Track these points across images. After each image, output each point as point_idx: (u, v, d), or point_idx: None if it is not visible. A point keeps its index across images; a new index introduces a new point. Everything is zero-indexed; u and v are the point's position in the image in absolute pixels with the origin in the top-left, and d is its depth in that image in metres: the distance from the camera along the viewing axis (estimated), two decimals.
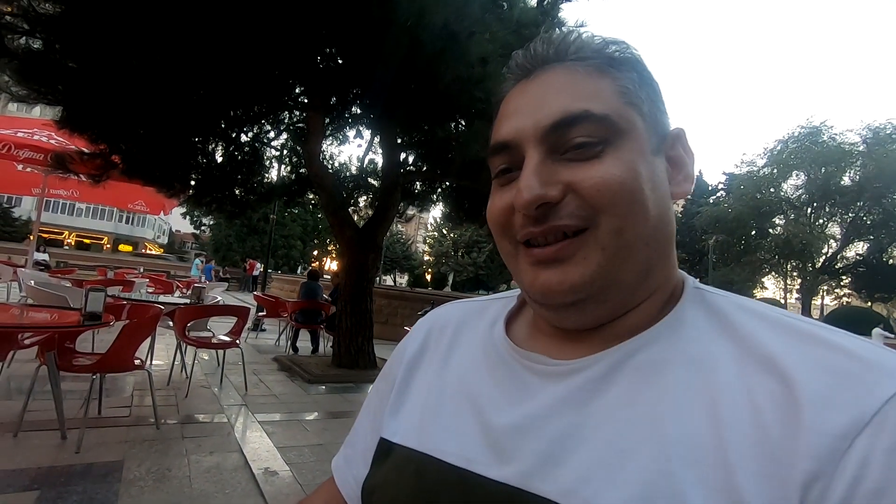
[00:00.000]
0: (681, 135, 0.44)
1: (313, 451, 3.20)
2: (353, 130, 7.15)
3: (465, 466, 0.41)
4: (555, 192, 0.39)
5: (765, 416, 0.32)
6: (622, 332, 0.41)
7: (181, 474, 2.61)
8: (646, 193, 0.38)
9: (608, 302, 0.40)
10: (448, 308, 0.58)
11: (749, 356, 0.36)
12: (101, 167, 4.87)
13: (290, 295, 11.09)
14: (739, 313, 0.39)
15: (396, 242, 41.85)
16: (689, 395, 0.35)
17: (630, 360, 0.39)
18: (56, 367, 2.83)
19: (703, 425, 0.33)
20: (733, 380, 0.35)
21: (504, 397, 0.43)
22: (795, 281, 29.08)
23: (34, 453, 2.63)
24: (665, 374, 0.37)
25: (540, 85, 0.42)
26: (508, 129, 0.42)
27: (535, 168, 0.39)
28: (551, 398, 0.40)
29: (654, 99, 0.43)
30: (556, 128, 0.39)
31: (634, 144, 0.39)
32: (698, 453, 0.33)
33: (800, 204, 27.11)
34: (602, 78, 0.41)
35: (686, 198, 2.18)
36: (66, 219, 40.55)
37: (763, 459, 0.31)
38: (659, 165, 0.41)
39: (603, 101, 0.39)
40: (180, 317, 4.21)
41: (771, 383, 0.33)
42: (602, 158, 0.38)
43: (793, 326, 0.37)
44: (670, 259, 0.42)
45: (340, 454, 0.57)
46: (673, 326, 0.39)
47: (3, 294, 9.03)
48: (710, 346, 0.37)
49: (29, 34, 3.56)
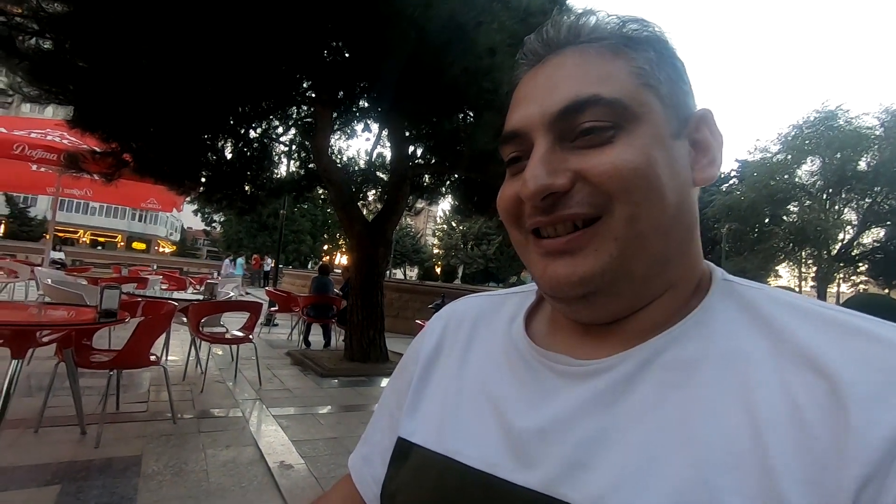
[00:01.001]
0: (707, 116, 0.41)
1: (327, 444, 3.23)
2: (360, 124, 7.14)
3: (489, 471, 0.40)
4: (563, 181, 0.37)
5: (807, 417, 0.30)
6: (645, 327, 0.39)
7: (198, 468, 2.65)
8: (662, 180, 0.36)
9: (621, 295, 0.38)
10: (464, 302, 0.57)
11: (786, 352, 0.33)
12: (113, 166, 4.92)
13: (301, 290, 11.16)
14: (773, 306, 0.37)
15: (406, 236, 41.93)
16: (723, 396, 0.33)
17: (658, 358, 0.37)
18: (74, 363, 2.88)
19: (740, 428, 0.31)
20: (770, 378, 0.32)
21: (526, 399, 0.41)
22: (810, 269, 28.62)
23: (55, 448, 2.68)
24: (696, 373, 0.35)
25: (550, 70, 0.40)
26: (518, 117, 0.41)
27: (541, 157, 0.38)
28: (576, 400, 0.38)
29: (676, 79, 0.40)
30: (564, 114, 0.37)
31: (650, 128, 0.37)
32: (735, 458, 0.31)
33: (815, 190, 26.63)
34: (616, 59, 0.38)
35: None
36: (80, 217, 41.17)
37: (808, 464, 0.29)
38: (680, 150, 0.39)
39: (615, 83, 0.37)
40: (194, 313, 4.26)
41: (812, 381, 0.31)
42: (614, 144, 0.36)
43: (833, 319, 0.34)
44: (692, 249, 0.40)
45: (357, 452, 0.56)
46: (702, 321, 0.37)
47: (22, 292, 9.19)
48: (743, 342, 0.35)
49: (39, 35, 3.59)
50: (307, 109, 6.43)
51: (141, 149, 4.79)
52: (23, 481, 2.32)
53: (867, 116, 24.85)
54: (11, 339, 2.44)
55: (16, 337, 2.44)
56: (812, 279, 28.70)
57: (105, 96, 3.92)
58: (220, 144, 6.01)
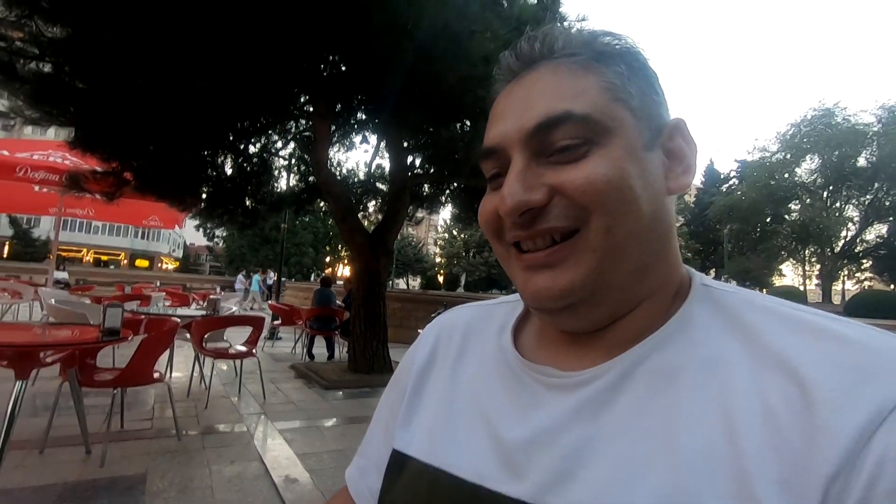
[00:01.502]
0: (680, 125, 0.42)
1: (332, 456, 3.21)
2: (359, 136, 7.17)
3: (479, 482, 0.40)
4: (539, 196, 0.38)
5: (780, 420, 0.31)
6: (628, 336, 0.40)
7: (203, 485, 2.64)
8: (636, 191, 0.37)
9: (602, 304, 0.39)
10: (455, 313, 0.58)
11: (761, 356, 0.34)
12: (114, 185, 4.96)
13: (304, 302, 11.16)
14: (749, 310, 0.38)
15: (408, 246, 41.96)
16: (702, 402, 0.34)
17: (640, 366, 0.38)
18: (78, 383, 2.88)
19: (718, 433, 0.32)
20: (746, 383, 0.33)
21: (515, 410, 0.42)
22: (814, 267, 28.52)
23: (60, 469, 2.67)
24: (676, 380, 0.36)
25: (524, 87, 0.41)
26: (494, 133, 0.42)
27: (518, 173, 0.39)
28: (562, 410, 0.39)
29: (647, 91, 0.41)
30: (538, 130, 0.38)
31: (622, 141, 0.38)
32: (714, 464, 0.31)
33: (815, 188, 26.63)
34: (586, 75, 0.39)
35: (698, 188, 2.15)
36: (83, 237, 41.31)
37: (781, 465, 0.30)
38: (652, 160, 0.39)
39: (586, 99, 0.38)
40: (197, 329, 4.26)
41: (785, 384, 0.32)
42: (588, 158, 0.37)
43: (805, 322, 0.35)
44: (669, 256, 0.41)
45: (353, 465, 0.57)
46: (681, 328, 0.38)
47: (26, 313, 9.22)
48: (721, 347, 0.36)
49: (39, 59, 3.64)
50: (305, 123, 6.47)
51: (141, 167, 4.84)
52: (29, 502, 2.31)
53: (864, 113, 24.99)
54: (15, 361, 2.45)
55: (19, 358, 2.45)
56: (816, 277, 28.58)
57: (105, 117, 3.96)
58: (220, 160, 6.05)
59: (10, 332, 3.03)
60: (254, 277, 20.25)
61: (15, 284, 9.39)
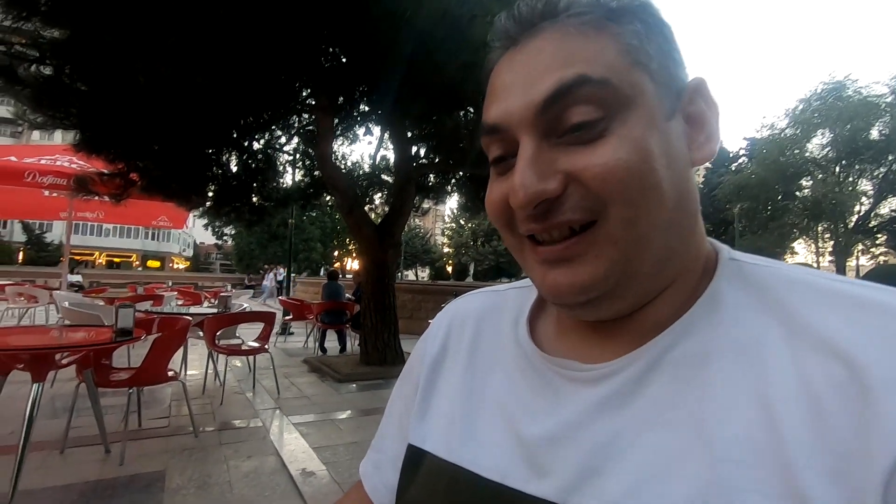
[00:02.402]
0: (700, 86, 0.38)
1: (348, 449, 3.23)
2: (362, 128, 7.15)
3: (501, 481, 0.38)
4: (554, 185, 0.34)
5: (826, 406, 0.28)
6: (653, 323, 0.37)
7: (222, 480, 2.67)
8: (659, 174, 0.33)
9: (626, 296, 0.36)
10: (465, 301, 0.55)
11: (800, 336, 0.31)
12: (121, 186, 4.99)
13: (314, 297, 11.22)
14: (783, 285, 0.34)
15: (415, 237, 41.99)
16: (737, 389, 0.31)
17: (667, 355, 0.34)
18: (94, 383, 2.91)
19: (756, 422, 0.29)
20: (784, 366, 0.30)
21: (536, 406, 0.40)
22: (827, 243, 28.11)
23: (80, 468, 2.71)
24: (707, 367, 0.33)
25: (528, 54, 0.36)
26: (497, 110, 0.37)
27: (529, 159, 0.34)
28: (586, 405, 0.36)
29: (667, 49, 0.36)
30: (549, 104, 0.33)
31: (643, 114, 0.33)
32: (753, 455, 0.29)
33: (826, 163, 26.14)
34: (600, 35, 0.34)
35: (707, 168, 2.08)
36: (95, 240, 41.80)
37: (831, 456, 0.27)
38: (674, 131, 0.35)
39: (602, 62, 0.33)
40: (209, 326, 4.29)
41: (829, 366, 0.29)
42: (606, 138, 0.33)
43: (849, 294, 0.32)
44: (695, 235, 0.38)
45: (368, 459, 0.55)
46: (709, 309, 0.35)
47: (42, 317, 9.37)
48: (754, 328, 0.33)
49: (39, 61, 3.64)
50: (308, 117, 6.45)
51: (147, 167, 4.85)
52: (51, 502, 2.35)
53: (877, 85, 24.33)
54: (31, 363, 2.48)
55: (35, 361, 2.48)
56: (829, 254, 28.20)
57: (108, 117, 3.97)
58: (225, 158, 6.07)
59: (25, 335, 3.07)
60: (267, 276, 20.43)
61: (30, 289, 9.53)
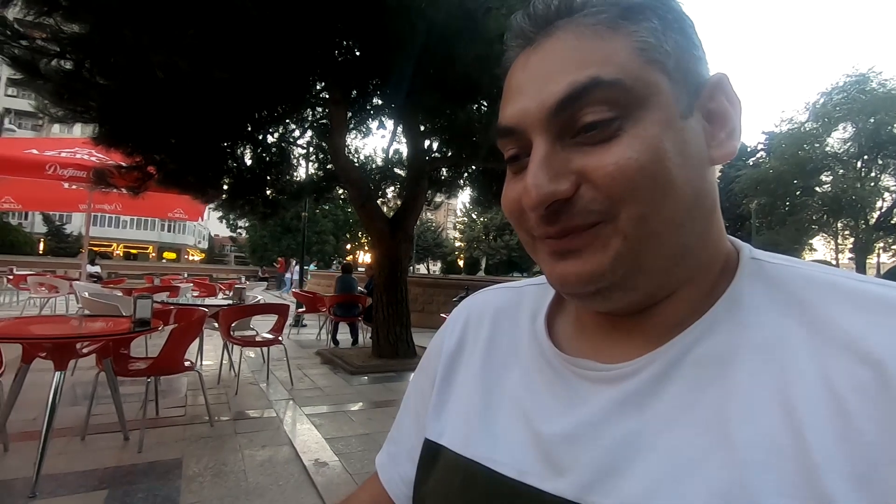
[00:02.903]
0: (722, 82, 0.37)
1: (360, 440, 3.26)
2: (375, 122, 7.16)
3: (518, 478, 0.38)
4: (566, 186, 0.34)
5: (851, 408, 0.28)
6: (671, 321, 0.36)
7: (237, 468, 2.72)
8: (673, 173, 0.33)
9: (637, 289, 0.36)
10: (483, 296, 0.55)
11: (824, 337, 0.31)
12: (139, 179, 5.06)
13: (326, 290, 11.32)
14: (808, 285, 0.34)
15: (427, 230, 42.01)
16: (759, 391, 0.31)
17: (687, 355, 0.34)
18: (113, 372, 2.98)
19: (778, 424, 0.29)
20: (808, 368, 0.30)
21: (554, 404, 0.40)
22: (847, 240, 27.51)
23: (101, 455, 2.78)
24: (728, 368, 0.32)
25: (542, 55, 0.36)
26: (512, 111, 0.37)
27: (541, 161, 0.34)
28: (604, 403, 0.36)
29: (685, 45, 0.36)
30: (562, 106, 0.34)
31: (658, 113, 0.33)
32: (775, 457, 0.28)
33: (848, 157, 25.51)
34: (615, 35, 0.34)
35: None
36: (113, 231, 42.57)
37: (856, 459, 0.26)
38: (692, 130, 0.35)
39: (615, 63, 0.33)
40: (224, 318, 4.36)
41: (854, 368, 0.28)
42: (619, 138, 0.33)
43: (874, 295, 0.31)
44: (712, 233, 0.37)
45: (384, 451, 0.56)
46: (730, 310, 0.35)
47: (63, 306, 9.57)
48: (777, 329, 0.32)
49: (60, 56, 3.70)
50: (322, 110, 6.46)
51: (164, 160, 4.91)
52: (73, 487, 2.41)
53: None
54: (53, 352, 2.54)
55: (56, 350, 2.54)
56: (849, 251, 27.60)
57: (126, 111, 4.02)
58: (240, 151, 6.11)
59: (47, 324, 3.15)
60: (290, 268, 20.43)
61: (51, 279, 9.74)
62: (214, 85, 3.72)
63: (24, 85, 3.76)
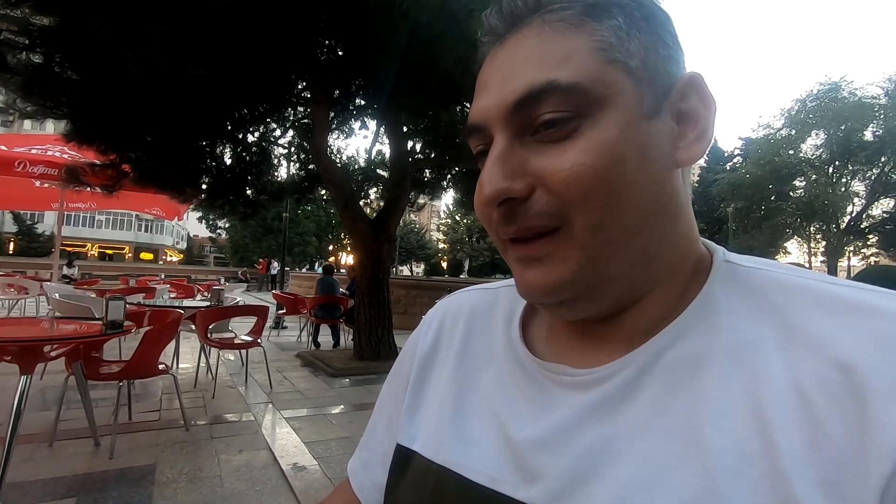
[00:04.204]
0: (695, 81, 0.35)
1: (340, 444, 3.22)
2: (358, 122, 7.09)
3: (490, 486, 0.37)
4: (520, 186, 0.33)
5: (820, 412, 0.27)
6: (643, 325, 0.36)
7: (213, 474, 2.65)
8: (628, 177, 0.32)
9: (602, 298, 0.35)
10: (458, 297, 0.54)
11: (794, 341, 0.30)
12: (114, 177, 4.94)
13: (308, 292, 11.20)
14: (780, 289, 0.33)
15: (410, 232, 41.96)
16: (730, 396, 0.30)
17: (659, 359, 0.34)
18: (83, 376, 2.88)
19: (748, 429, 0.29)
20: (778, 372, 0.30)
21: (526, 409, 0.39)
22: (819, 244, 28.33)
23: (69, 461, 2.69)
24: (700, 372, 0.32)
25: (507, 52, 0.36)
26: (477, 108, 0.37)
27: (497, 157, 0.34)
28: (576, 409, 0.35)
29: (652, 45, 0.34)
30: (519, 106, 0.33)
31: (617, 113, 0.32)
32: (745, 463, 0.28)
33: (820, 163, 26.29)
34: (577, 34, 0.33)
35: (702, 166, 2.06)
36: (88, 231, 41.49)
37: (824, 464, 0.26)
38: (656, 131, 0.34)
39: (574, 64, 0.32)
40: (201, 320, 4.26)
41: (823, 371, 0.28)
42: (575, 139, 0.32)
43: (845, 298, 0.31)
44: (678, 236, 0.36)
45: (356, 457, 0.55)
46: (702, 313, 0.34)
47: (33, 308, 9.28)
48: (748, 333, 0.32)
49: (29, 49, 3.58)
50: (304, 110, 6.40)
51: (140, 159, 4.79)
52: (39, 495, 2.33)
53: (871, 87, 24.46)
54: (18, 356, 2.44)
55: (22, 353, 2.45)
56: (822, 254, 28.42)
57: (99, 108, 3.91)
58: (219, 150, 6.01)
59: (13, 326, 3.03)
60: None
61: (21, 280, 9.43)
62: (191, 82, 3.65)
63: None
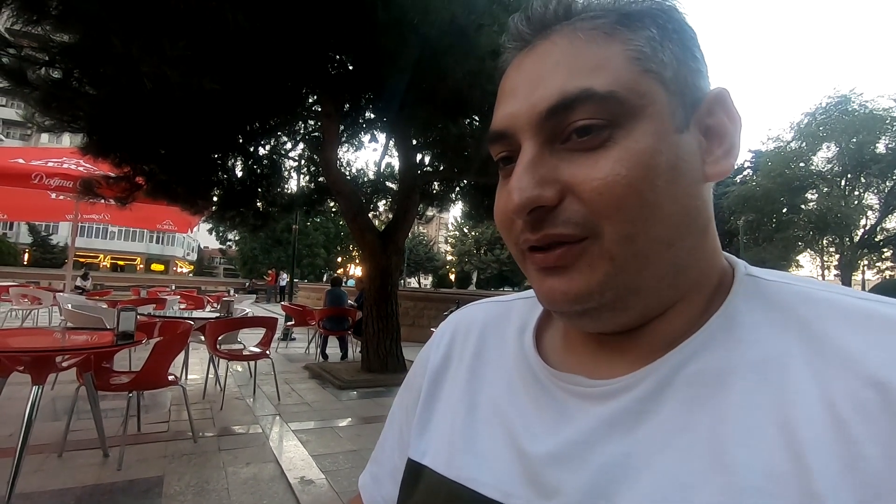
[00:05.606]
0: (722, 97, 0.35)
1: (347, 457, 3.20)
2: (367, 135, 7.17)
3: (503, 500, 0.36)
4: (550, 194, 0.33)
5: (854, 432, 0.26)
6: (663, 339, 0.35)
7: (220, 487, 2.64)
8: (660, 190, 0.32)
9: (627, 310, 0.34)
10: (471, 309, 0.54)
11: (824, 357, 0.29)
12: (127, 189, 5.01)
13: (316, 303, 11.22)
14: (806, 302, 0.33)
15: (419, 244, 42.03)
16: (757, 412, 0.29)
17: (680, 373, 0.33)
18: (94, 387, 2.90)
19: (777, 448, 0.28)
20: (808, 389, 0.29)
21: (540, 422, 0.38)
22: (833, 257, 27.95)
23: (78, 472, 2.69)
24: (724, 387, 0.31)
25: (536, 59, 0.35)
26: (503, 114, 0.36)
27: (527, 164, 0.33)
28: (593, 422, 0.34)
29: (683, 57, 0.34)
30: (552, 113, 0.33)
31: (651, 124, 0.32)
32: (775, 483, 0.27)
33: (832, 176, 26.05)
34: (611, 42, 0.33)
35: None
36: (100, 242, 42.07)
37: (859, 487, 0.25)
38: (687, 144, 0.33)
39: (609, 73, 0.32)
40: (211, 331, 4.28)
41: (857, 389, 0.27)
42: (608, 149, 0.32)
43: (877, 313, 0.30)
44: (706, 250, 0.36)
45: (367, 471, 0.54)
46: (725, 327, 0.33)
47: (46, 318, 9.38)
48: (775, 347, 0.31)
49: (48, 65, 3.67)
50: (314, 123, 6.47)
51: (153, 171, 4.86)
52: None
53: (882, 98, 24.29)
54: (31, 366, 2.47)
55: (35, 363, 2.47)
56: (835, 267, 28.02)
57: (115, 121, 3.99)
58: (231, 163, 6.08)
59: (26, 337, 3.07)
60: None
61: (34, 290, 9.56)
62: (205, 96, 3.70)
63: (12, 94, 3.72)
